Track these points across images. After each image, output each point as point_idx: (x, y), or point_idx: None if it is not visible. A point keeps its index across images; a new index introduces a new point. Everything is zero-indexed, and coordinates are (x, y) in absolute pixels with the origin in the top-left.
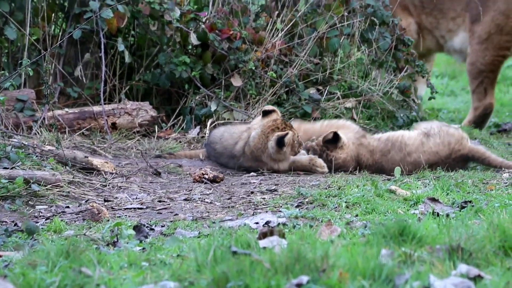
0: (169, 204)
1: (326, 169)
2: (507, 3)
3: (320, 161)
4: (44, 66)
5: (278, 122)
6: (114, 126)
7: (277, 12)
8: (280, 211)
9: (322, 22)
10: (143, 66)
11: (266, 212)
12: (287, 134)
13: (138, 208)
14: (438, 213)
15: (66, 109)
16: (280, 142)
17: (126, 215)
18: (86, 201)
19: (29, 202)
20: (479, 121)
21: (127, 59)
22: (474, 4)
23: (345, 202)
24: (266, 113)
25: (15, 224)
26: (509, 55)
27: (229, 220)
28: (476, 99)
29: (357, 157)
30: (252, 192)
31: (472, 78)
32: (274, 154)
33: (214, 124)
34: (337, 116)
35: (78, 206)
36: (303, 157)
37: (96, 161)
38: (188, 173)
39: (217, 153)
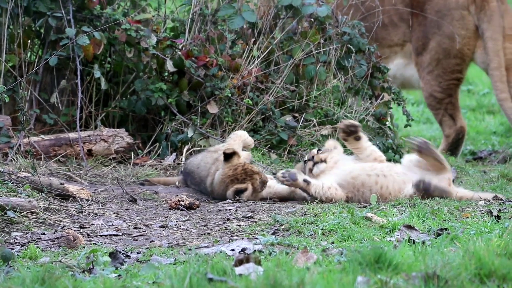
0: (145, 231)
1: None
2: (452, 26)
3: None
4: (20, 93)
5: (238, 171)
6: (90, 153)
7: (253, 39)
8: (256, 238)
9: (298, 50)
10: (119, 92)
11: (242, 239)
12: (246, 189)
13: (114, 235)
14: (414, 240)
15: (42, 136)
16: (238, 195)
17: (102, 242)
18: (61, 228)
19: (5, 229)
20: (454, 147)
21: (103, 85)
22: (417, 34)
23: (321, 229)
24: (227, 157)
25: None
26: (463, 78)
27: (205, 247)
28: (446, 127)
29: None
30: (228, 219)
31: (434, 110)
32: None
33: (190, 151)
34: (312, 144)
35: (54, 233)
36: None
37: (72, 188)
38: (164, 200)
39: (196, 182)
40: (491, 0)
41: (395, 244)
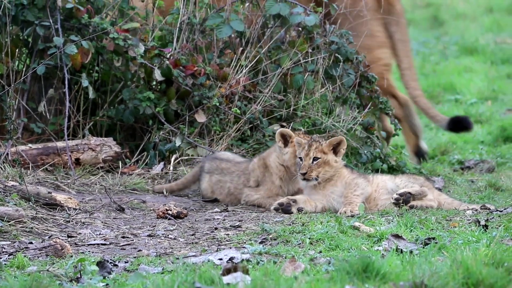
0: (133, 240)
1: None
2: (370, 25)
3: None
4: (8, 102)
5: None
6: (77, 161)
7: (241, 49)
8: (244, 247)
9: (286, 59)
10: (107, 101)
11: (230, 248)
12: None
13: (102, 244)
14: (401, 249)
15: (30, 145)
16: (284, 138)
17: (89, 251)
18: (49, 237)
19: None
20: (411, 122)
21: (91, 94)
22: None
23: (309, 238)
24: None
25: None
26: (391, 64)
27: (193, 256)
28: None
29: None
30: (216, 228)
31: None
32: (278, 150)
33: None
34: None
35: (42, 242)
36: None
37: (60, 197)
38: (151, 209)
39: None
40: (396, 4)
41: (382, 254)
